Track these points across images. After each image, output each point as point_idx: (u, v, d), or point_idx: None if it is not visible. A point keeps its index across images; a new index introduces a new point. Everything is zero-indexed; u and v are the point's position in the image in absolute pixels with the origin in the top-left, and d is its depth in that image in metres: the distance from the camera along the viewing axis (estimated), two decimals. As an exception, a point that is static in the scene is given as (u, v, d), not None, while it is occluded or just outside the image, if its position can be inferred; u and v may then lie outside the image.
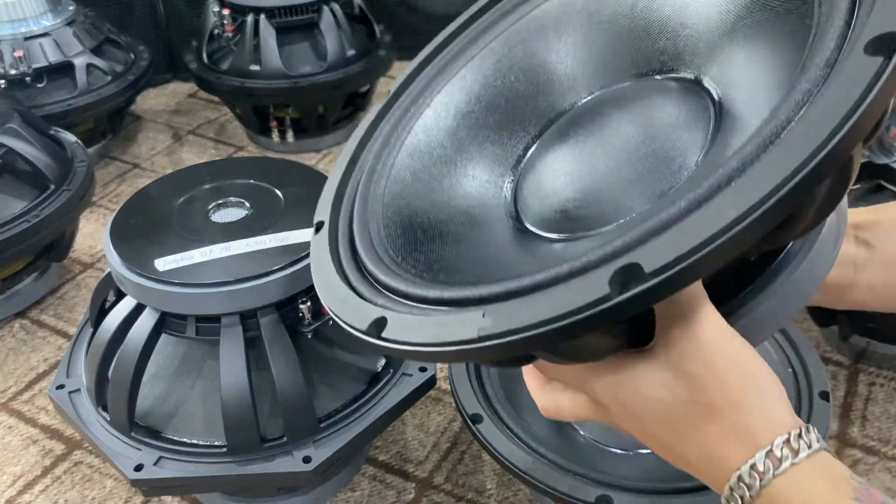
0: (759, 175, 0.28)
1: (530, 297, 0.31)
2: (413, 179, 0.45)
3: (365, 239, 0.42)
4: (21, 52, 1.22)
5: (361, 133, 0.50)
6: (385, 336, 0.34)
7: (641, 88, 0.44)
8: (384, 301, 0.37)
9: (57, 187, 0.99)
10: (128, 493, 0.82)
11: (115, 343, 0.69)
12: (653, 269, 0.28)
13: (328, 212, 0.46)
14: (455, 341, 0.31)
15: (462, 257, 0.41)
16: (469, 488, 0.81)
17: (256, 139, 1.49)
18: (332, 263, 0.41)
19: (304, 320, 0.68)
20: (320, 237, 0.44)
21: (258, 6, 1.32)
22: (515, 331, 0.30)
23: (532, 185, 0.45)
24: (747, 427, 0.32)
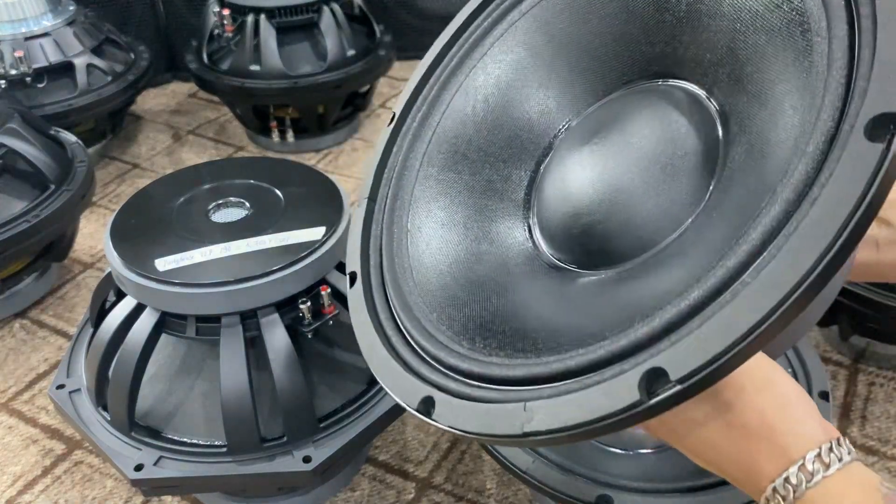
0: (772, 278, 0.29)
1: (566, 394, 0.33)
2: (431, 223, 0.46)
3: (401, 298, 0.42)
4: (21, 52, 1.22)
5: (375, 166, 0.50)
6: (435, 418, 0.37)
7: (641, 97, 0.44)
8: (429, 373, 0.38)
9: (57, 187, 0.99)
10: (128, 493, 0.82)
11: (115, 343, 0.69)
12: (678, 376, 0.30)
13: (358, 261, 0.46)
14: (501, 434, 0.34)
15: (497, 311, 0.42)
16: (469, 488, 0.81)
17: (256, 139, 1.49)
18: (373, 327, 0.43)
19: (304, 320, 0.68)
20: (356, 292, 0.45)
21: (258, 6, 1.32)
22: (558, 430, 0.33)
23: (549, 216, 0.45)
24: (781, 444, 0.34)
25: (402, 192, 0.46)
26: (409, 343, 0.41)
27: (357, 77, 1.37)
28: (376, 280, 0.45)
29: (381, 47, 1.43)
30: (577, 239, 0.43)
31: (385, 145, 0.50)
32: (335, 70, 1.35)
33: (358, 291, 0.45)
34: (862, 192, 0.28)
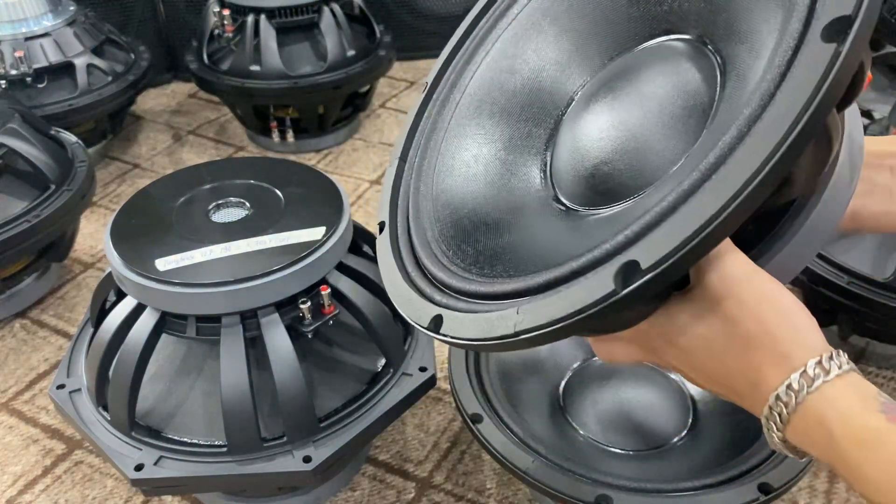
0: (737, 166, 0.32)
1: (553, 293, 0.36)
2: (455, 174, 0.50)
3: (421, 237, 0.47)
4: (22, 52, 1.22)
5: (407, 129, 0.54)
6: (443, 332, 0.41)
7: (650, 53, 0.47)
8: (440, 297, 0.43)
9: (57, 187, 0.99)
10: (128, 493, 0.82)
11: (115, 343, 0.69)
12: (648, 264, 0.33)
13: (387, 212, 0.51)
14: (497, 336, 0.38)
15: (507, 245, 0.46)
16: (469, 488, 0.81)
17: (256, 139, 1.49)
18: (395, 264, 0.47)
19: (305, 320, 0.68)
20: (383, 238, 0.50)
21: (258, 6, 1.32)
22: (544, 325, 0.36)
23: (562, 163, 0.48)
24: (782, 353, 0.36)
25: (431, 149, 0.51)
26: (425, 276, 0.45)
27: (357, 77, 1.38)
28: (402, 227, 0.49)
29: (381, 47, 1.43)
30: (587, 181, 0.46)
31: (417, 111, 0.54)
32: (335, 70, 1.35)
33: (385, 238, 0.49)
34: (816, 84, 0.31)
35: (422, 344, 0.76)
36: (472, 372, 0.72)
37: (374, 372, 0.74)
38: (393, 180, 0.52)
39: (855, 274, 0.83)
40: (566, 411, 0.76)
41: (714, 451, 0.69)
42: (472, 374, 0.72)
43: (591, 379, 0.79)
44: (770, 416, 0.36)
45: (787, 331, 0.36)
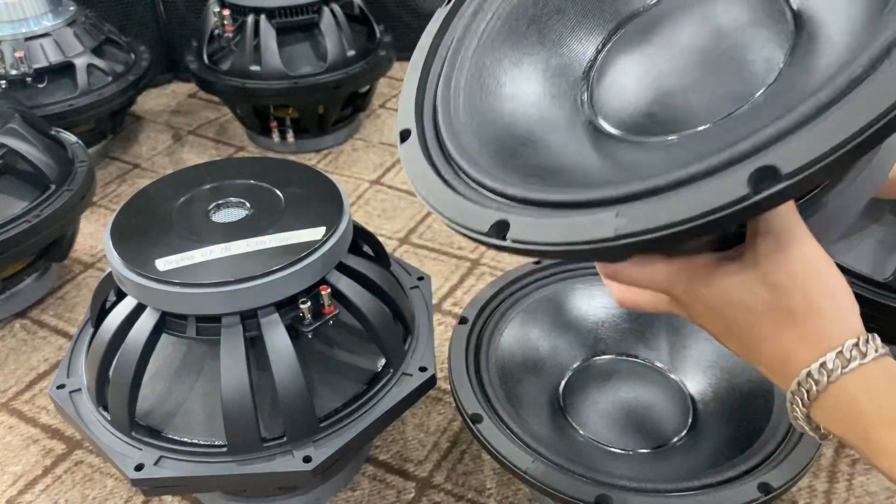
0: (885, 82, 0.29)
1: (664, 196, 0.32)
2: (491, 91, 0.46)
3: (459, 147, 0.42)
4: (22, 52, 1.22)
5: (428, 42, 0.50)
6: (511, 238, 0.35)
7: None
8: (498, 206, 0.38)
9: (57, 187, 0.99)
10: (128, 493, 0.82)
11: (115, 343, 0.69)
12: (789, 170, 0.30)
13: (413, 120, 0.46)
14: (590, 240, 0.33)
15: (557, 162, 0.42)
16: (469, 488, 0.81)
17: (257, 139, 1.49)
18: (432, 172, 0.42)
19: (305, 320, 0.68)
20: (410, 145, 0.45)
21: (258, 7, 1.32)
22: (653, 230, 0.32)
23: (609, 90, 0.45)
24: (822, 331, 0.36)
25: (460, 62, 0.47)
26: (470, 185, 0.40)
27: (357, 77, 1.38)
28: (430, 133, 0.45)
29: (381, 48, 1.44)
30: (649, 108, 0.43)
31: (441, 22, 0.51)
32: (335, 70, 1.35)
33: (413, 144, 0.45)
34: None
35: (422, 344, 0.76)
36: (472, 372, 0.72)
37: (374, 372, 0.74)
38: (416, 91, 0.48)
39: (855, 274, 0.83)
40: (566, 411, 0.76)
41: (714, 451, 0.69)
42: (472, 374, 0.72)
43: (591, 379, 0.79)
44: (797, 392, 0.36)
45: (830, 310, 0.36)
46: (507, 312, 0.80)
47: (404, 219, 1.25)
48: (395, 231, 1.22)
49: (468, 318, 0.78)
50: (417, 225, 1.23)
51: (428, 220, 1.24)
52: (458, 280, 1.11)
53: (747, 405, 0.72)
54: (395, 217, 1.26)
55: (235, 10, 1.35)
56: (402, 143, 0.46)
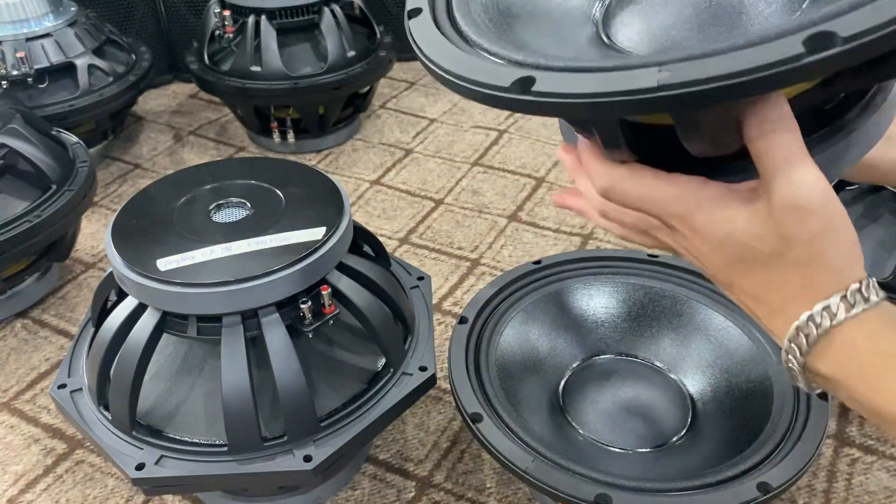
0: None
1: (711, 58, 0.31)
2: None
3: (473, 25, 0.41)
4: (23, 52, 1.22)
5: None
6: (537, 90, 0.33)
7: None
8: (518, 64, 0.36)
9: (59, 188, 1.00)
10: (129, 492, 0.82)
11: (116, 343, 0.69)
12: (847, 34, 0.29)
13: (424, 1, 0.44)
14: (628, 90, 0.31)
15: (571, 47, 0.41)
16: (469, 487, 0.81)
17: (257, 140, 1.49)
18: (447, 41, 0.40)
19: (305, 320, 0.68)
20: (421, 20, 0.43)
21: (259, 7, 1.32)
22: (700, 81, 0.30)
23: (628, 20, 0.43)
24: (826, 279, 0.36)
25: None
26: (490, 59, 0.38)
27: (357, 78, 1.38)
28: (441, 10, 0.43)
29: (382, 48, 1.44)
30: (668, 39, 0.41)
31: None
32: (336, 71, 1.35)
33: (423, 19, 0.43)
34: None
35: (422, 343, 0.77)
36: (472, 371, 0.72)
37: (374, 371, 0.74)
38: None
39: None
40: (566, 411, 0.76)
41: (713, 450, 0.69)
42: (472, 374, 0.72)
43: (591, 378, 0.79)
44: (795, 338, 0.36)
45: (837, 262, 0.36)
46: (507, 312, 0.80)
47: (404, 219, 1.25)
48: (395, 231, 1.22)
49: (468, 317, 0.78)
50: (417, 225, 1.23)
51: (428, 220, 1.24)
52: (458, 280, 1.11)
53: (746, 405, 0.72)
54: (395, 217, 1.26)
55: (236, 10, 1.35)
56: (411, 19, 0.43)
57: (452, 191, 1.32)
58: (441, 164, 1.39)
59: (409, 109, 1.59)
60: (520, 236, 1.19)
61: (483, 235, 1.20)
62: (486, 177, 1.35)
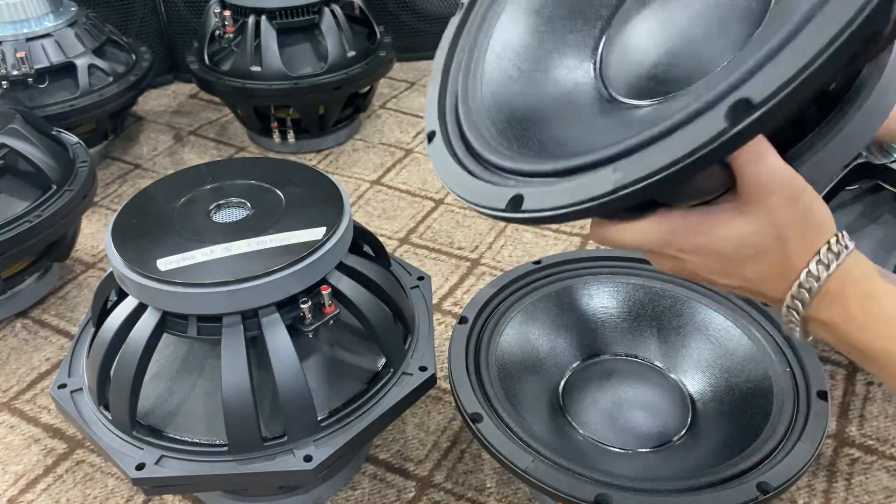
0: (838, 8, 0.31)
1: (653, 147, 0.35)
2: (505, 78, 0.50)
3: (479, 138, 0.47)
4: (23, 52, 1.22)
5: (446, 45, 0.54)
6: (525, 209, 0.40)
7: None
8: (514, 183, 0.42)
9: (59, 188, 1.00)
10: (129, 492, 0.82)
11: (116, 343, 0.69)
12: (761, 98, 0.32)
13: (437, 121, 0.51)
14: (592, 197, 0.37)
15: (568, 135, 0.46)
16: (469, 487, 0.81)
17: (257, 140, 1.49)
18: (456, 164, 0.47)
19: (305, 320, 0.68)
20: (436, 145, 0.49)
21: (259, 7, 1.32)
22: (646, 177, 0.35)
23: (615, 61, 0.49)
24: (816, 237, 0.40)
25: (476, 59, 0.51)
26: (489, 169, 0.45)
27: (357, 78, 1.38)
28: (453, 129, 0.49)
29: (382, 48, 1.44)
30: (649, 72, 0.46)
31: (456, 26, 0.55)
32: (336, 71, 1.35)
33: (438, 144, 0.49)
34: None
35: (422, 343, 0.77)
36: (472, 372, 0.72)
37: (374, 371, 0.74)
38: (438, 94, 0.52)
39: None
40: (566, 411, 0.76)
41: (713, 450, 0.69)
42: (472, 374, 0.72)
43: (591, 378, 0.79)
44: (798, 295, 0.40)
45: (818, 213, 0.40)
46: (506, 312, 0.80)
47: (404, 219, 1.25)
48: (395, 231, 1.22)
49: (468, 317, 0.78)
50: (417, 225, 1.24)
51: (428, 220, 1.24)
52: (458, 280, 1.11)
53: (746, 405, 0.72)
54: (395, 217, 1.26)
55: (236, 10, 1.35)
56: (430, 143, 0.50)
57: (452, 191, 1.32)
58: (441, 164, 1.39)
59: (409, 109, 1.59)
60: (520, 236, 1.19)
61: (483, 235, 1.20)
62: (486, 177, 1.35)
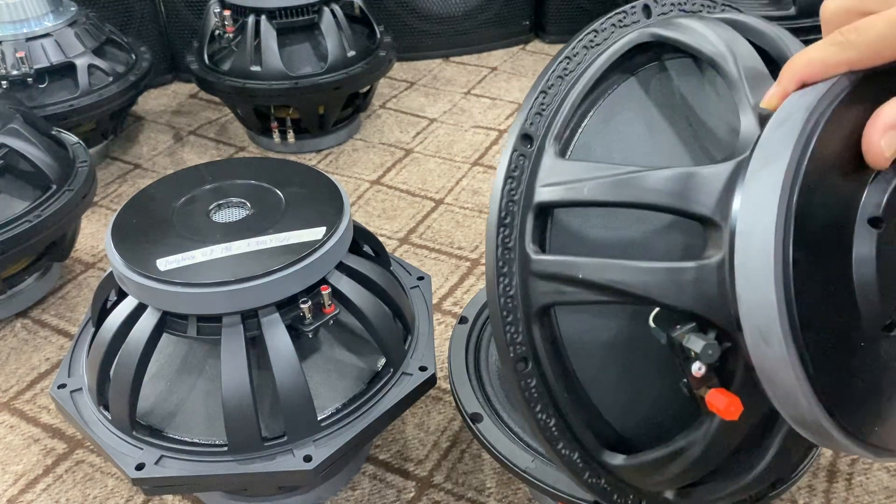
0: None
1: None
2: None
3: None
4: (23, 52, 1.22)
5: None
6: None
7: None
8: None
9: (59, 187, 1.00)
10: (129, 493, 0.82)
11: (116, 342, 0.69)
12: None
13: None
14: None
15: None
16: (469, 487, 0.81)
17: (257, 140, 1.49)
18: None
19: (305, 320, 0.68)
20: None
21: (259, 7, 1.32)
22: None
23: None
24: None
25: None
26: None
27: (357, 78, 1.38)
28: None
29: (382, 48, 1.44)
30: None
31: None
32: (336, 71, 1.35)
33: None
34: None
35: (422, 343, 0.77)
36: (472, 372, 0.72)
37: (374, 371, 0.74)
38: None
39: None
40: (566, 411, 0.76)
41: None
42: (472, 374, 0.72)
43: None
44: None
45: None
46: (507, 312, 0.80)
47: (404, 219, 1.25)
48: (395, 231, 1.22)
49: (468, 317, 0.78)
50: (417, 225, 1.24)
51: (428, 220, 1.24)
52: (458, 280, 1.11)
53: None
54: (395, 217, 1.26)
55: (236, 10, 1.35)
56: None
57: (452, 191, 1.32)
58: (441, 164, 1.39)
59: (409, 109, 1.59)
60: (520, 236, 1.19)
61: (483, 235, 1.20)
62: (487, 177, 1.35)
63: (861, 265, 0.36)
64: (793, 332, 0.34)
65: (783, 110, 0.37)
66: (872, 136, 0.36)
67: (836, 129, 0.36)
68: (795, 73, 0.38)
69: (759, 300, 0.35)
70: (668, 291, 0.40)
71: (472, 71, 1.73)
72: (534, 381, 0.46)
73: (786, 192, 0.34)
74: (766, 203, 0.35)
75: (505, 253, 0.46)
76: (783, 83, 0.39)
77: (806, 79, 0.38)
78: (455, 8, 1.72)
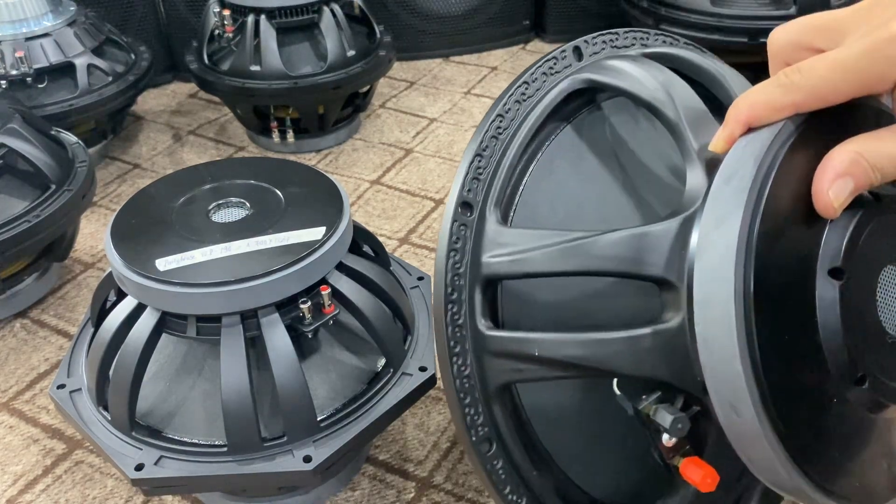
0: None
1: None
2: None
3: None
4: (22, 52, 1.22)
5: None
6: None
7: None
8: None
9: (58, 187, 0.99)
10: (128, 493, 0.82)
11: (115, 343, 0.69)
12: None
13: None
14: None
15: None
16: (469, 487, 0.81)
17: (257, 139, 1.49)
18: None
19: (305, 320, 0.68)
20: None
21: (258, 7, 1.32)
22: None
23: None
24: None
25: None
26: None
27: (357, 77, 1.38)
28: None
29: (382, 48, 1.44)
30: None
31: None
32: (335, 70, 1.35)
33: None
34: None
35: (422, 344, 0.76)
36: (472, 372, 0.72)
37: (374, 372, 0.74)
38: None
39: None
40: (566, 411, 0.76)
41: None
42: (471, 374, 0.72)
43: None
44: None
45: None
46: (506, 312, 0.79)
47: (404, 219, 1.25)
48: (395, 231, 1.22)
49: (468, 318, 0.77)
50: (417, 225, 1.23)
51: (428, 220, 1.24)
52: (459, 280, 1.11)
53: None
54: (395, 217, 1.26)
55: (235, 10, 1.35)
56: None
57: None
58: (441, 164, 1.39)
59: (409, 109, 1.59)
60: (520, 236, 1.19)
61: (483, 235, 1.19)
62: (486, 176, 1.35)
63: (826, 320, 0.35)
64: (763, 405, 0.32)
65: (730, 162, 0.36)
66: (821, 185, 0.35)
67: (786, 180, 0.34)
68: (741, 115, 0.37)
69: (725, 372, 0.33)
70: (627, 362, 0.38)
71: (472, 71, 1.73)
72: (500, 463, 0.44)
73: (741, 257, 0.33)
74: (722, 271, 0.33)
75: (456, 331, 0.43)
76: (729, 126, 0.38)
77: (752, 122, 0.37)
78: (455, 8, 1.72)
